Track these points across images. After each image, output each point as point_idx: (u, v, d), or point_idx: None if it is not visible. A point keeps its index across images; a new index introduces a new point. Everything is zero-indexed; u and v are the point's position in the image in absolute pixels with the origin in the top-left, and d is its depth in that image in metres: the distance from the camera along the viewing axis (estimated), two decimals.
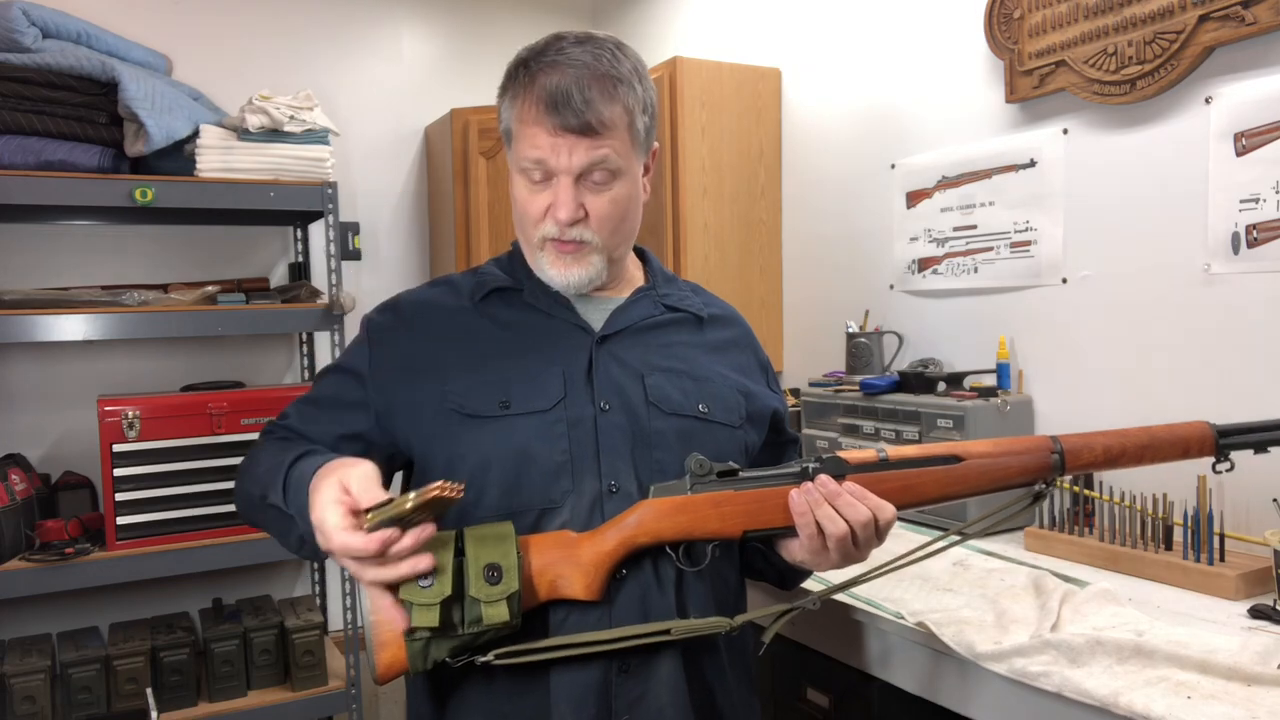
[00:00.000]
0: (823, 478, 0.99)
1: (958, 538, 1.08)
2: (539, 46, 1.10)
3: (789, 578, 1.22)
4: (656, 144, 1.18)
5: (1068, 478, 1.64)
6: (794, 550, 1.06)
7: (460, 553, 0.93)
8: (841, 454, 1.02)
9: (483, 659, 0.96)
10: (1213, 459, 1.05)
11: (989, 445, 1.04)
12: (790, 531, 1.01)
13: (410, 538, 0.87)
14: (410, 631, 0.92)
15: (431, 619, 0.90)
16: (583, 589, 0.98)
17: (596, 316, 1.15)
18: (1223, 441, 1.04)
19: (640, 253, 1.26)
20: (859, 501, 0.98)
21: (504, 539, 0.95)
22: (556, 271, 1.11)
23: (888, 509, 0.99)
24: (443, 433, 1.08)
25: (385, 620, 0.93)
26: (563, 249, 1.11)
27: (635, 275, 1.23)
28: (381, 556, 0.87)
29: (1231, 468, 1.05)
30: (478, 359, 1.11)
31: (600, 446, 1.06)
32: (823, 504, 0.98)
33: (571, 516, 1.04)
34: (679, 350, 1.16)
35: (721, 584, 1.13)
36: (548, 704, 1.02)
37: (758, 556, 1.19)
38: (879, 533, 1.00)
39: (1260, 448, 1.05)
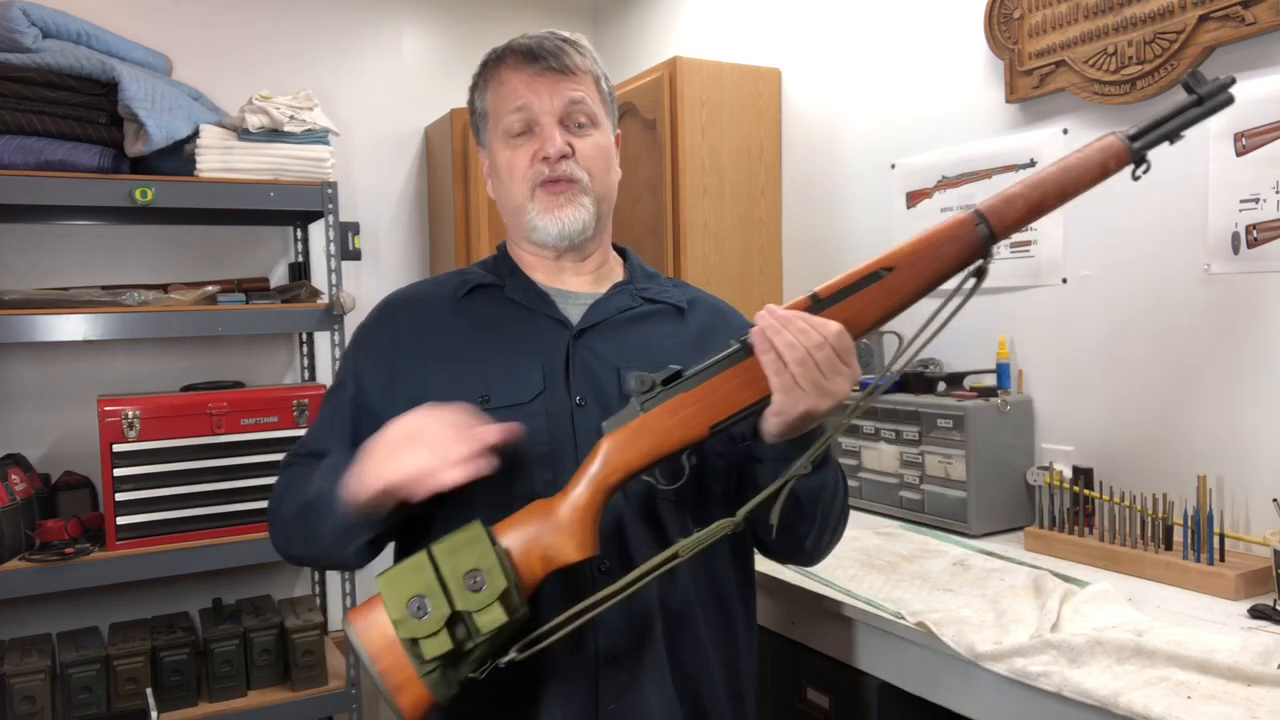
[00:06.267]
0: (771, 306, 0.96)
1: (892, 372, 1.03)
2: (502, 44, 1.19)
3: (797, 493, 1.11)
4: (619, 132, 1.23)
5: (1069, 478, 1.65)
6: (768, 421, 0.99)
7: (438, 569, 0.90)
8: (773, 306, 0.98)
9: (505, 660, 0.93)
10: (1131, 166, 1.00)
11: (914, 244, 0.98)
12: (749, 411, 0.98)
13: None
14: (424, 664, 0.89)
15: (444, 644, 0.88)
16: (575, 550, 0.95)
17: (575, 312, 1.17)
18: (1136, 145, 0.98)
19: (621, 251, 1.28)
20: (809, 328, 0.95)
21: (475, 541, 0.91)
22: (550, 218, 1.14)
23: (831, 325, 0.95)
24: None
25: (390, 666, 0.90)
26: (553, 189, 1.14)
27: (616, 272, 1.25)
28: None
29: (1148, 168, 0.99)
30: (459, 355, 1.13)
31: (577, 441, 1.07)
32: (780, 331, 0.95)
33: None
34: (658, 342, 1.16)
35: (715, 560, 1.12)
36: (537, 697, 1.03)
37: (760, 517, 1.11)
38: (840, 356, 0.95)
39: (1174, 137, 0.99)
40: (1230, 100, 1.00)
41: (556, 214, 1.14)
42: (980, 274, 0.99)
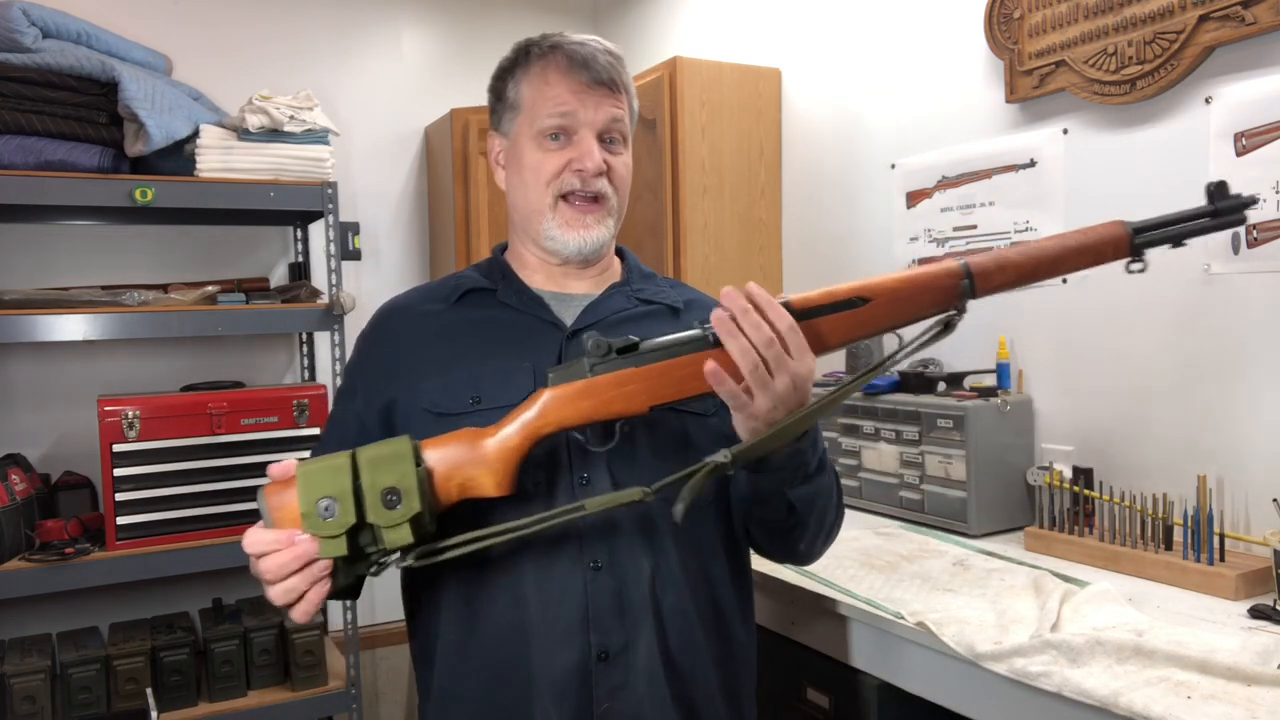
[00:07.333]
0: (729, 291, 0.94)
1: (860, 379, 1.01)
2: (540, 36, 1.17)
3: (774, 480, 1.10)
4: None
5: (1069, 477, 1.65)
6: (739, 428, 1.00)
7: (357, 476, 0.92)
8: (731, 294, 0.95)
9: (404, 564, 0.95)
10: (1127, 260, 0.99)
11: (897, 281, 0.98)
12: (692, 400, 0.98)
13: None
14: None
15: (339, 549, 0.91)
16: (493, 486, 0.97)
17: (571, 314, 1.17)
18: (1138, 240, 0.98)
19: (619, 251, 1.28)
20: (762, 321, 0.93)
21: (400, 459, 0.93)
22: (573, 233, 1.14)
23: (785, 317, 0.94)
24: (418, 434, 1.09)
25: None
26: (582, 206, 1.14)
27: (614, 273, 1.25)
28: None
29: (1144, 268, 0.98)
30: (451, 359, 1.14)
31: (569, 441, 1.07)
32: (736, 334, 0.93)
33: (547, 508, 1.03)
34: None
35: (697, 538, 1.12)
36: (530, 695, 1.04)
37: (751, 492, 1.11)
38: (788, 351, 0.93)
39: (1177, 241, 0.99)
40: (1244, 221, 1.00)
41: (580, 231, 1.14)
42: (948, 326, 0.99)
